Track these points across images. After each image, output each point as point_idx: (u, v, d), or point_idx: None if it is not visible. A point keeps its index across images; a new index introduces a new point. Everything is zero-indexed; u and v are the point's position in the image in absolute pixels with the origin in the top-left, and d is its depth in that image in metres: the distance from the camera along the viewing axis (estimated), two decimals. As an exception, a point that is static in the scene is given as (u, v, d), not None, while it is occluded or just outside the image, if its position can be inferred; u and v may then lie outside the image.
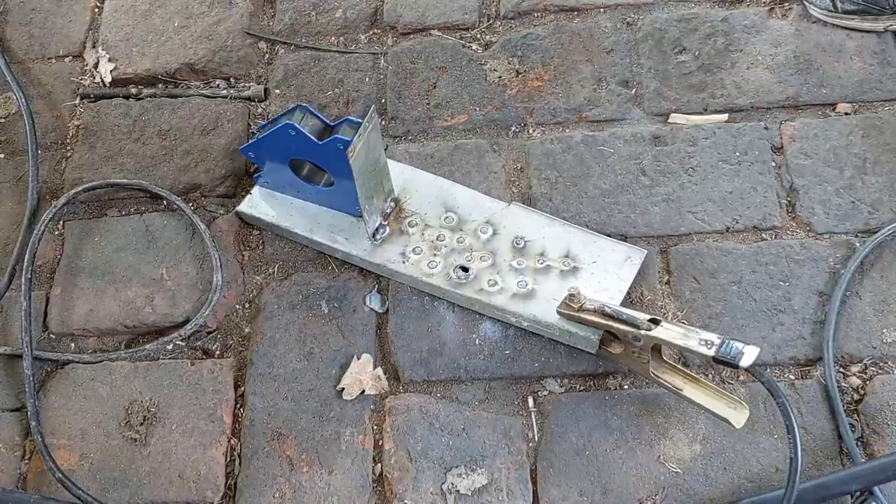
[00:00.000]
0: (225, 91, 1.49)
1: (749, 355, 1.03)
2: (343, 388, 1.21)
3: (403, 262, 1.27)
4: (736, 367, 1.03)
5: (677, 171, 1.34)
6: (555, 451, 1.16)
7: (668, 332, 1.08)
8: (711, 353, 1.04)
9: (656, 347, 1.12)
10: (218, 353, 1.27)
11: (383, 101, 1.45)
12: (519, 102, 1.43)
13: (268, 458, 1.18)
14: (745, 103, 1.39)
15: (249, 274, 1.33)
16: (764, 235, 1.28)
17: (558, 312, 1.19)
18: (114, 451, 1.20)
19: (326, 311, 1.27)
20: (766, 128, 1.36)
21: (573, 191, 1.33)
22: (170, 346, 1.27)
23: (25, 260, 1.31)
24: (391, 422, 1.19)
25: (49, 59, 1.56)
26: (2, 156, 1.46)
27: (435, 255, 1.27)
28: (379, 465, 1.17)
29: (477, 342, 1.23)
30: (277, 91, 1.48)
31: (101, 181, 1.39)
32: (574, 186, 1.34)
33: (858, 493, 1.09)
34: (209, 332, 1.28)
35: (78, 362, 1.26)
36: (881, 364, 1.18)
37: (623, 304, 1.21)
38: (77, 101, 1.50)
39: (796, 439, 1.02)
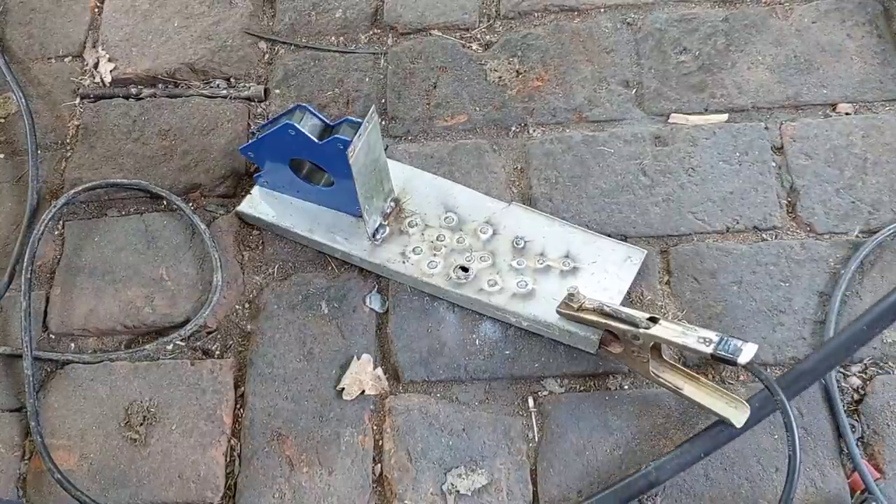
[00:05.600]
0: (225, 91, 1.49)
1: (747, 352, 1.03)
2: (343, 388, 1.21)
3: (403, 262, 1.27)
4: (734, 363, 1.03)
5: (677, 171, 1.34)
6: (555, 451, 1.16)
7: (666, 330, 1.08)
8: (709, 350, 1.04)
9: (656, 346, 1.12)
10: (218, 353, 1.27)
11: (383, 101, 1.45)
12: (519, 102, 1.43)
13: (268, 458, 1.18)
14: (746, 103, 1.39)
15: (249, 274, 1.33)
16: (764, 235, 1.28)
17: (558, 312, 1.19)
18: (114, 451, 1.20)
19: (326, 311, 1.27)
20: (766, 128, 1.36)
21: (573, 191, 1.33)
22: (170, 347, 1.27)
23: (25, 260, 1.31)
24: (391, 422, 1.19)
25: (49, 59, 1.56)
26: (2, 156, 1.46)
27: (435, 255, 1.27)
28: (379, 465, 1.17)
29: (477, 342, 1.23)
30: (277, 91, 1.48)
31: (101, 181, 1.39)
32: (574, 186, 1.34)
33: (859, 493, 1.09)
34: (209, 333, 1.28)
35: (78, 362, 1.26)
36: (881, 364, 1.18)
37: (623, 304, 1.21)
38: (77, 101, 1.50)
39: (794, 436, 1.02)
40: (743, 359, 1.03)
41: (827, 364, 1.10)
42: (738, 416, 1.09)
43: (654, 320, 1.10)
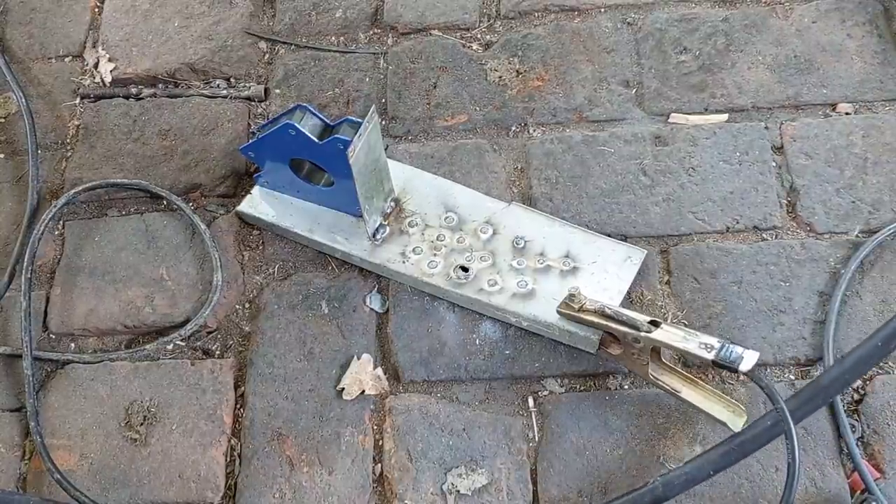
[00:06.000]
0: (225, 91, 1.49)
1: (749, 360, 1.03)
2: (343, 388, 1.21)
3: (403, 262, 1.27)
4: (735, 371, 1.03)
5: (677, 171, 1.34)
6: (555, 451, 1.16)
7: (667, 334, 1.08)
8: (711, 356, 1.04)
9: (656, 349, 1.12)
10: (218, 353, 1.27)
11: (383, 101, 1.45)
12: (519, 102, 1.43)
13: (268, 458, 1.18)
14: (746, 103, 1.39)
15: (249, 274, 1.33)
16: (764, 235, 1.28)
17: (558, 312, 1.19)
18: (114, 451, 1.20)
19: (326, 311, 1.27)
20: (766, 128, 1.36)
21: (573, 191, 1.33)
22: (170, 346, 1.27)
23: (25, 260, 1.31)
24: (391, 422, 1.19)
25: (49, 59, 1.56)
26: (2, 156, 1.46)
27: (435, 255, 1.27)
28: (379, 465, 1.17)
29: (477, 342, 1.23)
30: (277, 91, 1.48)
31: (101, 181, 1.39)
32: (574, 186, 1.34)
33: (859, 493, 1.09)
34: (209, 332, 1.28)
35: (78, 362, 1.26)
36: (881, 364, 1.18)
37: (623, 304, 1.21)
38: (77, 101, 1.50)
39: (794, 443, 1.02)
40: (744, 366, 1.02)
41: (840, 383, 1.09)
42: (735, 420, 1.09)
43: (655, 324, 1.10)
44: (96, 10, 1.60)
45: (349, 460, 1.17)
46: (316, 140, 1.21)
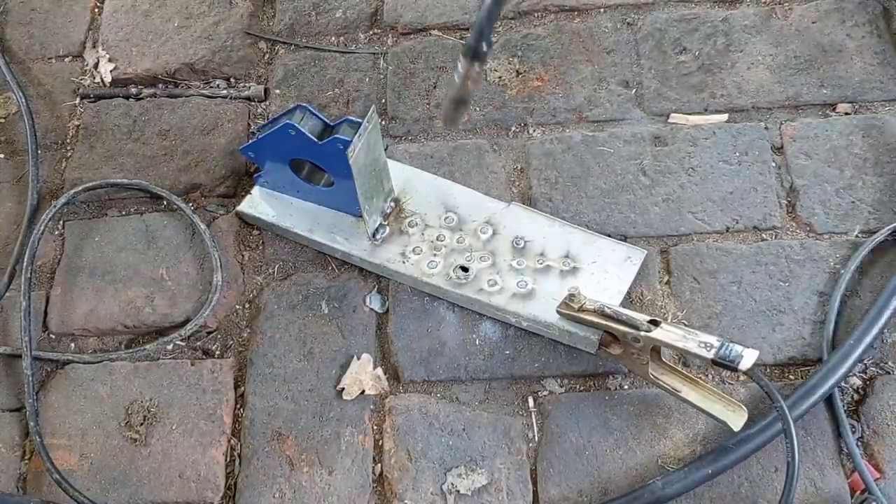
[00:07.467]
0: (225, 91, 1.49)
1: (748, 358, 1.03)
2: (343, 388, 1.21)
3: (403, 262, 1.27)
4: (735, 370, 1.03)
5: (677, 171, 1.34)
6: (555, 451, 1.16)
7: (667, 333, 1.08)
8: (710, 355, 1.04)
9: (656, 349, 1.12)
10: (218, 353, 1.27)
11: (383, 101, 1.45)
12: (519, 102, 1.43)
13: (268, 458, 1.18)
14: (746, 103, 1.39)
15: (249, 274, 1.33)
16: (764, 235, 1.28)
17: (558, 312, 1.19)
18: (114, 451, 1.20)
19: (326, 311, 1.27)
20: (766, 128, 1.36)
21: (573, 191, 1.33)
22: (170, 346, 1.27)
23: (25, 260, 1.31)
24: (391, 422, 1.19)
25: (49, 59, 1.56)
26: (2, 156, 1.46)
27: (435, 255, 1.27)
28: (379, 465, 1.17)
29: (477, 342, 1.23)
30: (277, 91, 1.48)
31: (101, 181, 1.39)
32: (574, 186, 1.34)
33: (859, 493, 1.09)
34: (209, 332, 1.28)
35: (78, 362, 1.26)
36: (881, 364, 1.18)
37: (623, 304, 1.21)
38: (77, 101, 1.50)
39: (794, 443, 1.02)
40: (744, 365, 1.02)
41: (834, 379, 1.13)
42: (735, 419, 1.09)
43: (654, 323, 1.10)
44: (96, 10, 1.60)
45: (349, 460, 1.17)
46: (316, 140, 1.21)
